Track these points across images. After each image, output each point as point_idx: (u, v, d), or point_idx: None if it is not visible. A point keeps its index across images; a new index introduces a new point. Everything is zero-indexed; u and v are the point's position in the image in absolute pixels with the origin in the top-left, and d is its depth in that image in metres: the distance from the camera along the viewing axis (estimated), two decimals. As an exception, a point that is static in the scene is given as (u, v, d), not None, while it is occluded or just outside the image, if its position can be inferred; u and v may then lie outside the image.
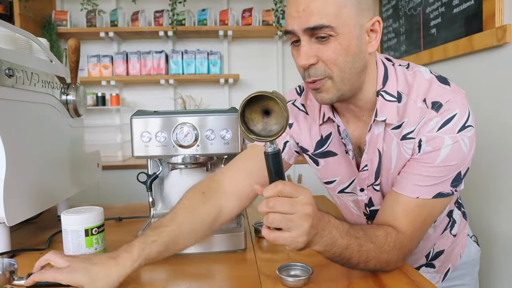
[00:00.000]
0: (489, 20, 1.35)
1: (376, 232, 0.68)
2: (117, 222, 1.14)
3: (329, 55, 0.67)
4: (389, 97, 0.74)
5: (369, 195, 0.83)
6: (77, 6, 2.73)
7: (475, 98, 1.47)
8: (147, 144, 0.84)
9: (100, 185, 2.46)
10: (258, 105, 0.58)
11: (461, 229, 0.93)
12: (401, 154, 0.75)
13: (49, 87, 0.97)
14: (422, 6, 1.85)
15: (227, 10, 2.85)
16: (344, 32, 0.67)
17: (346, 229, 0.64)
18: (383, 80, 0.75)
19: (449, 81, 0.74)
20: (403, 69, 0.76)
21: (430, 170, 0.71)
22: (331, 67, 0.68)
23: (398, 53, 2.13)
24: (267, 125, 0.59)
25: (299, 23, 0.67)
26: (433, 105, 0.71)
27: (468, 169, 0.74)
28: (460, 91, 0.73)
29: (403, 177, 0.74)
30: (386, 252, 0.67)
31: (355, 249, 0.64)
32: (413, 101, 0.73)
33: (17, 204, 0.81)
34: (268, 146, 0.58)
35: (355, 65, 0.70)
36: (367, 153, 0.78)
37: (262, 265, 0.78)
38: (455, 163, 0.70)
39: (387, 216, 0.73)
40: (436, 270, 0.93)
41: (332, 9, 0.65)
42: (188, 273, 0.77)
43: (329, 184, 0.88)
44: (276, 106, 0.58)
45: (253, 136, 0.57)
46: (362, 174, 0.80)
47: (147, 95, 3.04)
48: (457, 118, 0.69)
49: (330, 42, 0.67)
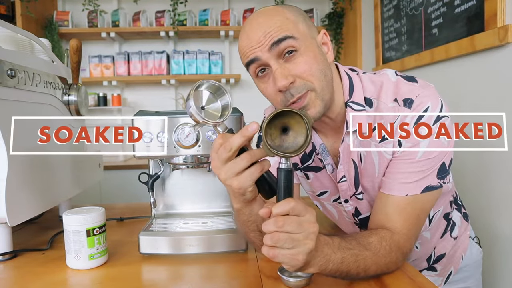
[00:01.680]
0: (491, 20, 1.35)
1: (369, 239, 0.67)
2: (118, 222, 1.14)
3: (303, 68, 0.69)
4: (357, 107, 0.75)
5: (354, 205, 0.84)
6: (79, 6, 2.74)
7: (477, 98, 1.47)
8: (148, 145, 0.84)
9: (102, 185, 2.47)
10: (279, 121, 0.58)
11: (462, 232, 0.93)
12: (383, 157, 0.75)
13: (51, 88, 0.97)
14: (424, 6, 1.84)
15: (228, 10, 2.85)
16: (306, 44, 0.69)
17: (337, 243, 0.63)
18: (349, 91, 0.76)
19: (416, 78, 0.75)
20: (368, 75, 0.78)
21: (413, 166, 0.71)
22: (309, 79, 0.69)
23: (399, 53, 2.13)
24: (284, 142, 0.59)
25: (262, 47, 0.68)
26: (404, 102, 0.72)
27: (452, 160, 0.74)
28: (428, 85, 0.74)
29: (389, 178, 0.74)
30: (383, 256, 0.67)
31: (351, 261, 0.63)
32: (384, 103, 0.74)
33: (19, 205, 0.81)
34: (283, 162, 0.59)
35: (326, 72, 0.72)
36: (342, 164, 0.79)
37: (263, 266, 0.78)
38: (436, 155, 0.71)
39: (380, 219, 0.74)
40: (438, 273, 0.93)
41: (289, 26, 0.69)
42: (189, 273, 0.77)
43: (323, 195, 0.89)
44: (296, 125, 0.58)
45: (273, 150, 0.57)
46: (342, 185, 0.81)
47: (148, 96, 3.04)
48: (431, 110, 0.70)
49: (297, 57, 0.69)
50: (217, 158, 0.59)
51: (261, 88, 0.74)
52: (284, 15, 0.70)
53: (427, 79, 0.77)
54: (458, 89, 1.59)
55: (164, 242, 0.83)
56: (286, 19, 0.69)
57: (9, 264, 0.82)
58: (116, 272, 0.77)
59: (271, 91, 0.71)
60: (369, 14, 2.53)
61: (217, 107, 0.63)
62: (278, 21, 0.68)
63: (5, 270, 0.80)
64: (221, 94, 0.63)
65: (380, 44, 2.38)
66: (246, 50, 0.70)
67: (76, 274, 0.76)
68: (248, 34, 0.70)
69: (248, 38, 0.70)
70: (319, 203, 0.94)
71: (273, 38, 0.67)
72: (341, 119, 0.77)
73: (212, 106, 0.63)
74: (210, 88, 0.62)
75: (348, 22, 2.84)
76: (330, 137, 0.81)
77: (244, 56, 0.71)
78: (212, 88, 0.62)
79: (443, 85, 1.68)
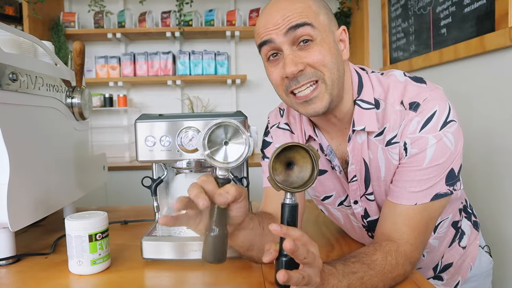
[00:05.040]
0: (501, 20, 1.32)
1: (373, 257, 0.65)
2: (122, 225, 1.13)
3: (317, 57, 0.67)
4: (366, 105, 0.73)
5: (364, 206, 0.82)
6: (85, 7, 2.75)
7: (486, 100, 1.44)
8: (151, 149, 0.83)
9: (108, 186, 2.47)
10: (284, 156, 0.57)
11: (471, 241, 0.91)
12: (389, 161, 0.73)
13: (54, 91, 0.97)
14: (432, 6, 1.81)
15: (234, 10, 2.84)
16: (323, 35, 0.68)
17: (341, 270, 0.61)
18: (358, 89, 0.74)
19: (425, 79, 0.73)
20: (377, 75, 0.76)
21: (421, 173, 0.69)
22: (320, 69, 0.67)
23: (407, 53, 2.10)
24: (289, 177, 0.58)
25: (278, 31, 0.67)
26: (410, 105, 0.70)
27: (461, 165, 0.72)
28: (436, 88, 0.71)
29: (397, 186, 0.72)
30: (390, 272, 0.65)
31: (357, 284, 0.61)
32: (391, 105, 0.72)
33: (21, 209, 0.80)
34: (288, 197, 0.57)
35: (339, 68, 0.70)
36: (353, 164, 0.77)
37: (267, 272, 0.77)
38: (443, 161, 0.69)
39: (388, 228, 0.72)
40: (445, 283, 0.90)
41: (310, 14, 0.67)
42: (192, 279, 0.76)
43: (328, 199, 0.87)
44: (301, 160, 0.57)
45: (280, 185, 0.56)
46: (352, 185, 0.79)
47: (154, 96, 3.04)
48: (438, 115, 0.68)
49: (312, 47, 0.67)
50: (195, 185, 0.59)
51: (269, 72, 0.73)
52: (307, 2, 0.68)
53: (435, 80, 0.75)
54: (467, 90, 1.56)
55: (167, 247, 0.82)
56: (308, 7, 0.68)
57: (12, 269, 0.82)
58: (119, 278, 0.76)
59: (277, 76, 0.70)
60: (377, 13, 2.50)
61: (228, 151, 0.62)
62: (300, 8, 0.67)
63: (7, 275, 0.79)
64: (238, 136, 0.62)
65: (387, 44, 2.36)
66: (262, 31, 0.69)
67: (78, 279, 0.75)
68: (267, 15, 0.69)
69: (266, 19, 0.68)
70: (324, 208, 0.93)
71: (291, 23, 0.66)
72: (348, 120, 0.75)
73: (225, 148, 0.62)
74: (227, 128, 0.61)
75: (355, 21, 2.82)
76: (336, 139, 0.80)
77: (258, 37, 0.70)
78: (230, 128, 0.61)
79: (451, 86, 1.65)
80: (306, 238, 0.54)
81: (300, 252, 0.50)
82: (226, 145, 0.62)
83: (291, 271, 0.50)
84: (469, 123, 1.51)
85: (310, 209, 1.23)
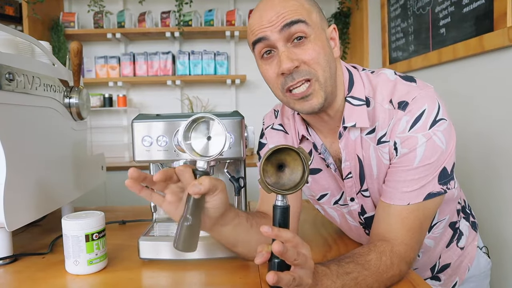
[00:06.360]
0: (500, 20, 1.32)
1: (367, 257, 0.65)
2: (120, 225, 1.13)
3: (311, 54, 0.67)
4: (357, 102, 0.73)
5: (360, 203, 0.82)
6: (85, 7, 2.75)
7: (485, 100, 1.44)
8: (148, 149, 0.83)
9: (107, 185, 2.47)
10: (275, 158, 0.57)
11: (469, 241, 0.91)
12: (380, 160, 0.74)
13: (51, 91, 0.97)
14: (431, 6, 1.81)
15: (234, 10, 2.84)
16: (316, 33, 0.68)
17: (335, 270, 0.60)
18: (348, 86, 0.74)
19: (415, 78, 0.73)
20: (367, 73, 0.76)
21: (412, 173, 0.69)
22: (314, 67, 0.68)
23: (406, 53, 2.10)
24: (280, 179, 0.58)
25: (273, 28, 0.67)
26: (399, 105, 0.70)
27: (454, 164, 0.72)
28: (426, 86, 0.71)
29: (389, 187, 0.72)
30: (385, 271, 0.65)
31: (352, 285, 0.61)
32: (380, 104, 0.72)
33: (18, 209, 0.80)
34: (279, 199, 0.58)
35: (331, 65, 0.70)
36: (347, 160, 0.77)
37: (263, 272, 0.76)
38: (435, 160, 0.68)
39: (382, 229, 0.72)
40: (442, 283, 0.90)
41: (303, 12, 0.68)
42: (189, 279, 0.76)
43: (323, 198, 0.87)
44: (292, 162, 0.57)
45: (270, 187, 0.56)
46: (347, 182, 0.79)
47: (154, 96, 3.04)
48: (427, 113, 0.68)
49: (306, 44, 0.68)
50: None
51: (263, 70, 0.72)
52: (300, 1, 0.69)
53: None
54: (466, 90, 1.55)
55: (164, 247, 0.82)
56: (301, 5, 0.69)
57: (9, 269, 0.82)
58: (115, 278, 0.76)
59: (272, 73, 0.70)
60: (376, 13, 2.50)
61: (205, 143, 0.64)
62: (293, 5, 0.68)
63: (4, 275, 0.79)
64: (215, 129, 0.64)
65: (387, 44, 2.36)
66: (255, 28, 0.69)
67: (74, 279, 0.75)
68: (261, 12, 0.69)
69: (260, 17, 0.69)
70: (320, 207, 0.93)
71: (285, 20, 0.66)
72: (339, 117, 0.76)
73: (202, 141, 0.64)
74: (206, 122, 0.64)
75: (354, 21, 2.82)
76: (329, 137, 0.80)
77: (252, 34, 0.70)
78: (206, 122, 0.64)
79: (450, 86, 1.65)
80: (297, 239, 0.54)
81: (289, 254, 0.50)
82: (208, 140, 0.64)
83: (282, 272, 0.50)
84: (468, 123, 1.51)
85: (307, 209, 1.23)
